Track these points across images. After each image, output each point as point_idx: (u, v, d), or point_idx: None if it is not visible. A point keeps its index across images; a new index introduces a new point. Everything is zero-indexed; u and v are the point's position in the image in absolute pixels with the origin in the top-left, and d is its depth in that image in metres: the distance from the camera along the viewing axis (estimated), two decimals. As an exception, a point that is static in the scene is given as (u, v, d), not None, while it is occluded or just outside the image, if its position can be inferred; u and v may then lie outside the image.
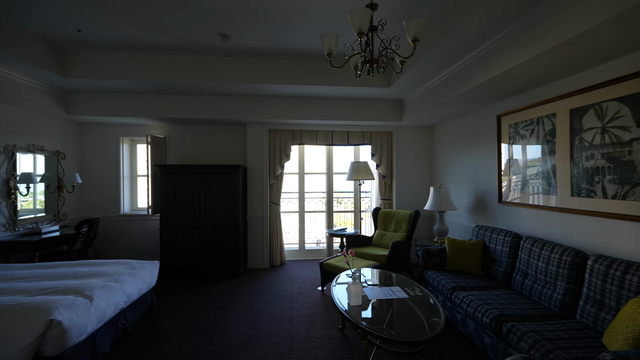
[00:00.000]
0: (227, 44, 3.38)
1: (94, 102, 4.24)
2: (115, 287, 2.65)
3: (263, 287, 4.05)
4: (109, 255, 4.83)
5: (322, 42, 2.26)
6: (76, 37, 3.19)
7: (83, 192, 4.80)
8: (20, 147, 3.74)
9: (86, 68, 3.56)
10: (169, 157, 4.92)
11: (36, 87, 3.72)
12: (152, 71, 3.64)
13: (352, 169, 4.72)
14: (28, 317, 2.00)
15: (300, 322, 3.08)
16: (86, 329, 2.25)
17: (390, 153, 5.24)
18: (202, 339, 2.77)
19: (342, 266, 3.59)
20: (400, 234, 4.27)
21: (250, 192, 4.89)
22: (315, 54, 3.68)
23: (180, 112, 4.39)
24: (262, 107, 4.52)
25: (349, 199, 6.08)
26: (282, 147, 4.95)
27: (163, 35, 3.18)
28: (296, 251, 5.47)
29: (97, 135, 4.83)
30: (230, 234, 4.38)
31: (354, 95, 4.45)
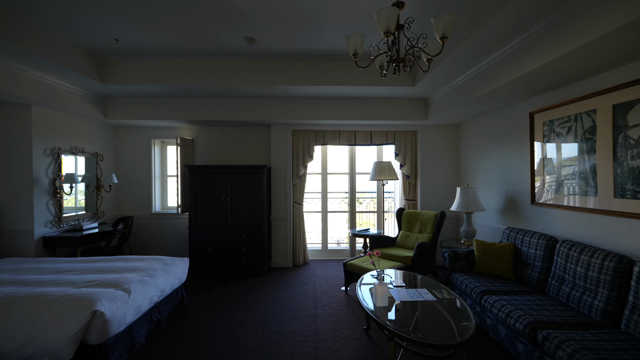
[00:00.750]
0: (253, 47, 3.46)
1: (129, 106, 4.48)
2: (150, 281, 2.79)
3: (287, 285, 4.11)
4: (142, 251, 5.09)
5: (348, 43, 2.26)
6: (114, 45, 3.39)
7: (119, 191, 5.09)
8: (64, 150, 4.03)
9: (122, 75, 3.77)
10: (196, 158, 5.11)
11: (78, 94, 3.99)
12: (182, 76, 3.80)
13: (376, 169, 4.68)
14: (75, 307, 2.16)
15: (325, 321, 3.10)
16: (125, 320, 2.39)
17: (415, 153, 5.15)
18: (229, 334, 2.86)
19: (366, 267, 3.57)
20: (425, 235, 4.18)
21: (274, 192, 4.97)
22: (339, 55, 3.69)
23: (208, 114, 4.54)
24: (286, 109, 4.58)
25: (371, 199, 6.03)
26: (306, 147, 5.00)
27: (193, 41, 3.30)
28: (319, 251, 5.50)
29: (131, 138, 5.10)
30: (254, 233, 4.48)
31: (377, 95, 4.41)
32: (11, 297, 2.26)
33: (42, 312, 2.14)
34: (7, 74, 3.06)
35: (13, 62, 3.02)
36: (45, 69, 3.24)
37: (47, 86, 3.53)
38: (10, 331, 2.06)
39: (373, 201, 5.98)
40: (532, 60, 2.44)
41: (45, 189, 3.77)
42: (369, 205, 6.10)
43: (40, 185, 3.71)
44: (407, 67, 2.36)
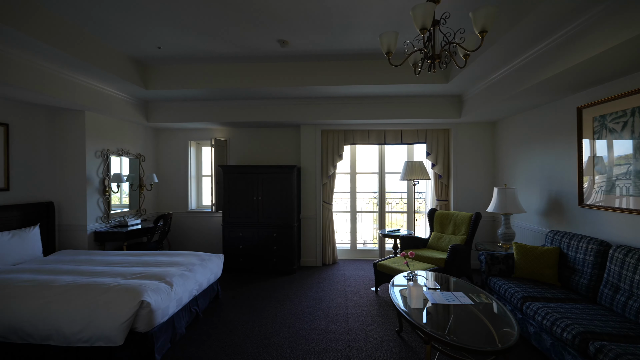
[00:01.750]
0: (285, 49, 3.53)
1: (168, 110, 4.75)
2: (189, 275, 2.94)
3: (317, 284, 4.15)
4: (179, 247, 5.37)
5: (381, 41, 2.24)
6: (156, 53, 3.61)
7: (158, 190, 5.40)
8: (112, 151, 4.35)
9: (163, 80, 4.00)
10: (229, 158, 5.30)
11: (124, 99, 4.29)
12: (217, 80, 3.96)
13: (406, 168, 4.59)
14: (125, 297, 2.33)
15: (356, 321, 3.10)
16: (168, 312, 2.54)
17: (447, 152, 4.98)
18: (262, 329, 2.94)
19: (397, 267, 3.51)
20: (459, 237, 4.04)
21: (303, 192, 5.04)
22: (370, 53, 3.66)
23: (240, 116, 4.70)
24: (316, 109, 4.63)
25: (401, 200, 5.91)
26: (335, 147, 5.01)
27: (228, 46, 3.44)
28: (347, 251, 5.50)
29: (170, 140, 5.40)
30: (285, 232, 4.56)
31: (408, 93, 4.33)
32: (71, 285, 2.49)
33: (97, 300, 2.33)
34: (65, 83, 3.37)
35: (71, 72, 3.32)
36: (98, 77, 3.53)
37: (98, 93, 3.83)
38: (71, 316, 2.26)
39: (402, 201, 5.87)
40: (584, 50, 2.27)
41: (96, 188, 4.10)
42: (398, 205, 6.00)
43: (92, 184, 4.04)
44: (443, 63, 2.30)
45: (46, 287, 2.47)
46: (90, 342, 2.23)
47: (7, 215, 3.31)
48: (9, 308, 2.32)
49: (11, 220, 3.35)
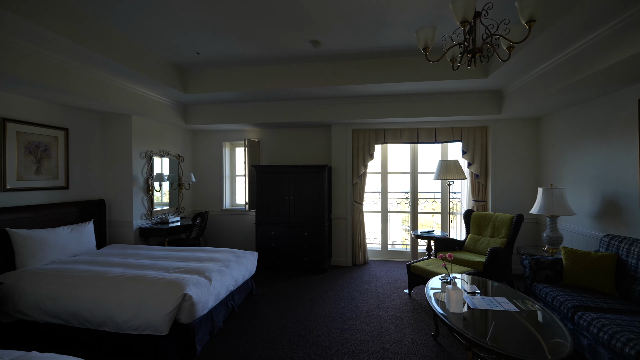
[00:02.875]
0: (317, 50, 3.55)
1: (204, 112, 4.97)
2: (226, 271, 3.06)
3: (348, 284, 4.13)
4: (214, 243, 5.59)
5: (418, 37, 2.19)
6: (195, 58, 3.79)
7: (196, 189, 5.67)
8: (155, 153, 4.64)
9: (201, 84, 4.19)
10: (262, 158, 5.44)
11: (165, 103, 4.56)
12: (251, 82, 4.07)
13: (441, 168, 4.44)
14: (169, 289, 2.47)
15: (389, 323, 3.04)
16: (207, 305, 2.66)
17: (485, 150, 4.74)
18: (296, 326, 2.98)
19: (432, 270, 3.40)
20: (499, 240, 3.83)
21: (334, 191, 5.04)
22: (404, 50, 3.58)
23: (272, 116, 4.80)
24: (347, 108, 4.61)
25: (434, 200, 5.73)
26: (366, 146, 4.96)
27: (262, 49, 3.52)
28: (378, 251, 5.42)
29: (205, 141, 5.65)
30: (316, 231, 4.60)
31: (443, 90, 4.17)
32: (122, 277, 2.69)
33: (145, 291, 2.49)
34: (115, 90, 3.64)
35: (120, 79, 3.59)
36: (143, 83, 3.77)
37: (143, 98, 4.10)
38: (122, 305, 2.44)
39: (436, 202, 5.68)
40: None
41: (141, 187, 4.39)
42: (431, 205, 5.81)
43: (138, 183, 4.33)
44: (484, 57, 2.19)
45: (100, 278, 2.69)
46: (139, 330, 2.40)
47: (66, 211, 3.65)
48: (70, 295, 2.56)
49: (70, 216, 3.69)
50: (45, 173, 3.49)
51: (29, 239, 3.05)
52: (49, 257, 3.16)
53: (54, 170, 3.59)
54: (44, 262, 3.11)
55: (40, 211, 3.37)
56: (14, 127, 3.16)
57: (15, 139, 3.17)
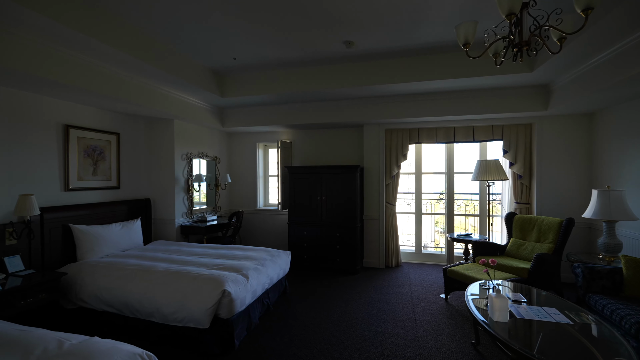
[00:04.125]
0: (350, 50, 3.54)
1: (240, 115, 5.16)
2: (262, 270, 3.15)
3: (381, 286, 4.07)
4: (248, 242, 5.78)
5: (458, 33, 2.11)
6: (231, 64, 3.94)
7: (231, 189, 5.90)
8: (194, 154, 4.89)
9: (237, 88, 4.35)
10: (294, 159, 5.53)
11: (204, 107, 4.79)
12: (285, 84, 4.16)
13: (480, 168, 4.23)
14: (209, 285, 2.59)
15: (425, 328, 2.96)
16: (245, 302, 2.75)
17: (529, 149, 4.44)
18: (330, 327, 2.99)
19: (471, 275, 3.26)
20: (545, 246, 3.57)
21: (366, 192, 5.00)
22: (440, 46, 3.46)
23: (304, 118, 4.86)
24: (379, 108, 4.55)
25: (471, 202, 5.47)
26: (399, 146, 4.86)
27: (295, 52, 3.58)
28: (412, 254, 5.28)
29: (240, 143, 5.86)
30: (348, 232, 4.58)
31: (482, 86, 3.97)
32: (167, 272, 2.86)
33: (188, 286, 2.64)
34: (160, 96, 3.89)
35: (165, 86, 3.83)
36: (184, 89, 4.00)
37: (184, 103, 4.35)
38: (168, 298, 2.61)
39: (473, 203, 5.42)
40: None
41: (182, 187, 4.65)
42: (468, 207, 5.56)
43: (179, 183, 4.59)
44: (532, 50, 2.06)
45: (148, 272, 2.88)
46: (183, 322, 2.54)
47: (118, 210, 3.96)
48: (123, 287, 2.77)
49: (121, 214, 4.00)
50: (100, 174, 3.82)
51: (88, 234, 3.36)
52: (104, 251, 3.46)
53: (108, 172, 3.92)
54: (100, 255, 3.40)
55: (96, 209, 3.69)
56: (75, 133, 3.49)
57: (76, 144, 3.51)
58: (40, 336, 1.70)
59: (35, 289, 2.60)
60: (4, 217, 2.84)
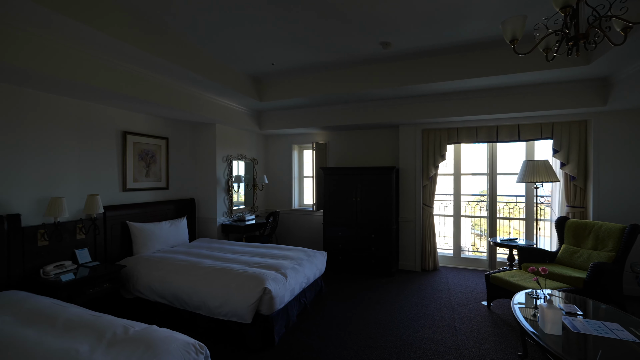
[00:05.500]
0: (387, 51, 3.51)
1: (276, 118, 5.32)
2: (299, 269, 3.23)
3: (417, 290, 3.99)
4: (284, 241, 5.93)
5: (504, 29, 2.02)
6: (269, 69, 4.08)
7: (268, 189, 6.10)
8: (234, 156, 5.14)
9: (274, 92, 4.50)
10: (328, 160, 5.58)
11: (243, 111, 5.01)
12: (320, 87, 4.22)
13: (526, 168, 3.97)
14: (251, 283, 2.72)
15: (466, 336, 2.85)
16: (284, 300, 2.85)
17: (584, 148, 4.09)
18: (366, 329, 3.00)
19: (517, 282, 3.08)
20: (604, 254, 3.27)
21: (402, 193, 4.91)
22: (482, 43, 3.31)
23: (339, 119, 4.89)
24: (416, 108, 4.45)
25: (515, 204, 5.14)
26: (437, 147, 4.71)
27: (332, 54, 3.62)
28: (450, 257, 5.10)
29: (276, 145, 6.03)
30: (383, 234, 4.54)
31: (530, 82, 3.73)
32: (212, 268, 3.05)
33: (231, 282, 2.79)
34: (204, 102, 4.14)
35: (208, 92, 4.07)
36: (226, 95, 4.22)
37: (225, 108, 4.58)
38: (213, 292, 2.78)
39: (518, 206, 5.10)
40: None
41: (222, 187, 4.91)
42: (512, 210, 5.24)
43: (220, 184, 4.85)
44: (591, 43, 1.91)
45: (195, 268, 3.09)
46: (227, 316, 2.69)
47: (166, 208, 4.28)
48: (173, 280, 3.00)
49: (169, 212, 4.32)
50: (152, 176, 4.16)
51: (142, 230, 3.67)
52: (155, 246, 3.76)
53: (158, 173, 4.25)
54: (152, 250, 3.71)
55: (148, 208, 4.02)
56: (131, 139, 3.84)
57: (132, 148, 3.85)
58: (109, 321, 1.91)
59: (101, 279, 2.91)
60: (75, 215, 3.20)
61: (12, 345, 1.61)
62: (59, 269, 2.81)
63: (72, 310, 2.06)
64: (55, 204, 2.82)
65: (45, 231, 2.88)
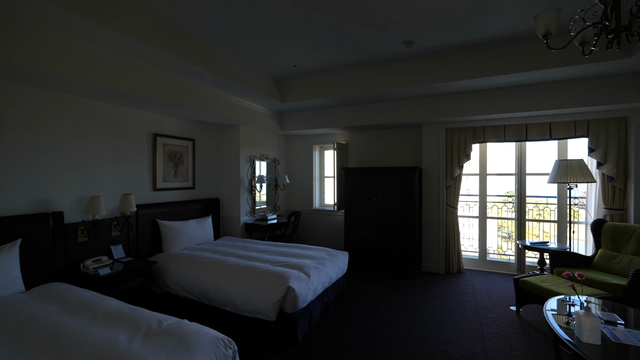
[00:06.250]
0: (410, 50, 3.46)
1: (297, 119, 5.37)
2: (322, 269, 3.25)
3: (442, 293, 3.90)
4: (305, 241, 5.98)
5: (537, 24, 1.95)
6: (291, 70, 4.13)
7: (289, 189, 6.17)
8: (256, 157, 5.24)
9: (296, 93, 4.55)
10: (349, 160, 5.57)
11: (265, 113, 5.10)
12: (342, 87, 4.22)
13: (559, 168, 3.79)
14: (275, 281, 2.77)
15: (495, 342, 2.76)
16: (307, 299, 2.88)
17: (624, 146, 3.84)
18: (388, 330, 2.97)
19: (549, 288, 2.94)
20: (647, 260, 3.06)
21: (425, 194, 4.82)
22: (510, 38, 3.19)
23: (360, 119, 4.87)
24: (439, 107, 4.35)
25: (547, 206, 4.90)
26: (461, 146, 4.59)
27: (353, 54, 3.61)
28: (475, 260, 4.95)
29: (297, 145, 6.09)
30: (405, 235, 4.48)
31: (563, 77, 3.55)
32: (236, 266, 3.14)
33: (256, 280, 2.85)
34: (228, 105, 4.26)
35: (232, 95, 4.18)
36: (249, 97, 4.31)
37: (248, 110, 4.69)
38: (238, 290, 2.85)
39: (549, 208, 4.86)
40: None
41: (246, 187, 5.02)
42: (542, 212, 5.00)
43: (243, 184, 4.97)
44: (634, 35, 1.80)
45: (220, 265, 3.19)
46: (252, 313, 2.76)
47: (193, 207, 4.44)
48: (200, 277, 3.11)
49: (195, 211, 4.48)
50: (179, 176, 4.33)
51: (171, 228, 3.83)
52: (183, 244, 3.91)
53: (185, 174, 4.42)
54: (180, 248, 3.86)
55: (176, 206, 4.19)
56: (161, 140, 4.01)
57: (161, 150, 4.03)
58: (144, 314, 2.01)
59: (134, 274, 3.06)
60: (110, 212, 3.40)
61: (62, 334, 1.74)
62: (96, 264, 2.99)
63: (110, 303, 2.19)
64: (93, 203, 3.00)
65: (85, 228, 3.08)
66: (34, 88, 2.81)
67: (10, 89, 2.68)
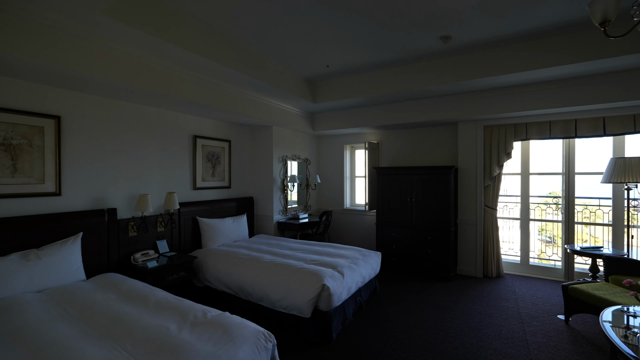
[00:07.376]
0: (447, 45, 3.35)
1: (329, 119, 5.40)
2: (355, 268, 3.25)
3: (480, 297, 3.74)
4: (336, 240, 6.00)
5: (593, 11, 1.82)
6: (324, 71, 4.16)
7: (320, 189, 6.23)
8: (288, 157, 5.35)
9: (328, 93, 4.58)
10: (381, 159, 5.51)
11: (297, 113, 5.19)
12: (375, 86, 4.18)
13: (614, 167, 3.48)
14: (310, 279, 2.82)
15: (541, 351, 2.60)
16: (341, 298, 2.90)
17: (694, 142, 3.43)
18: (424, 333, 2.91)
19: (604, 297, 2.71)
20: None
21: (461, 194, 4.64)
22: (557, 28, 2.98)
23: (393, 118, 4.79)
24: (476, 103, 4.17)
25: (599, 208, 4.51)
26: (501, 144, 4.36)
27: (387, 52, 3.57)
28: (516, 264, 4.68)
29: (328, 145, 6.13)
30: (440, 236, 4.34)
31: (618, 67, 3.26)
32: (272, 263, 3.23)
33: (291, 278, 2.92)
34: (262, 106, 4.39)
35: (266, 97, 4.30)
36: (282, 98, 4.41)
37: (281, 110, 4.79)
38: (274, 286, 2.93)
39: (602, 210, 4.47)
40: None
41: (278, 187, 5.14)
42: (592, 214, 4.62)
43: (276, 183, 5.09)
44: None
45: (256, 262, 3.30)
46: (288, 309, 2.83)
47: (229, 206, 4.63)
48: (237, 272, 3.24)
49: (231, 210, 4.66)
50: (217, 175, 4.53)
51: (209, 225, 4.03)
52: (220, 240, 4.09)
53: (222, 173, 4.62)
54: (217, 244, 4.04)
55: (214, 205, 4.39)
56: (200, 142, 4.23)
57: (201, 151, 4.25)
58: (190, 305, 2.14)
59: (177, 267, 3.26)
60: (156, 210, 3.64)
61: (120, 319, 1.92)
62: (145, 257, 3.23)
63: (159, 293, 2.36)
64: (142, 200, 3.24)
65: (135, 223, 3.33)
66: (99, 97, 3.14)
67: (73, 97, 2.97)
